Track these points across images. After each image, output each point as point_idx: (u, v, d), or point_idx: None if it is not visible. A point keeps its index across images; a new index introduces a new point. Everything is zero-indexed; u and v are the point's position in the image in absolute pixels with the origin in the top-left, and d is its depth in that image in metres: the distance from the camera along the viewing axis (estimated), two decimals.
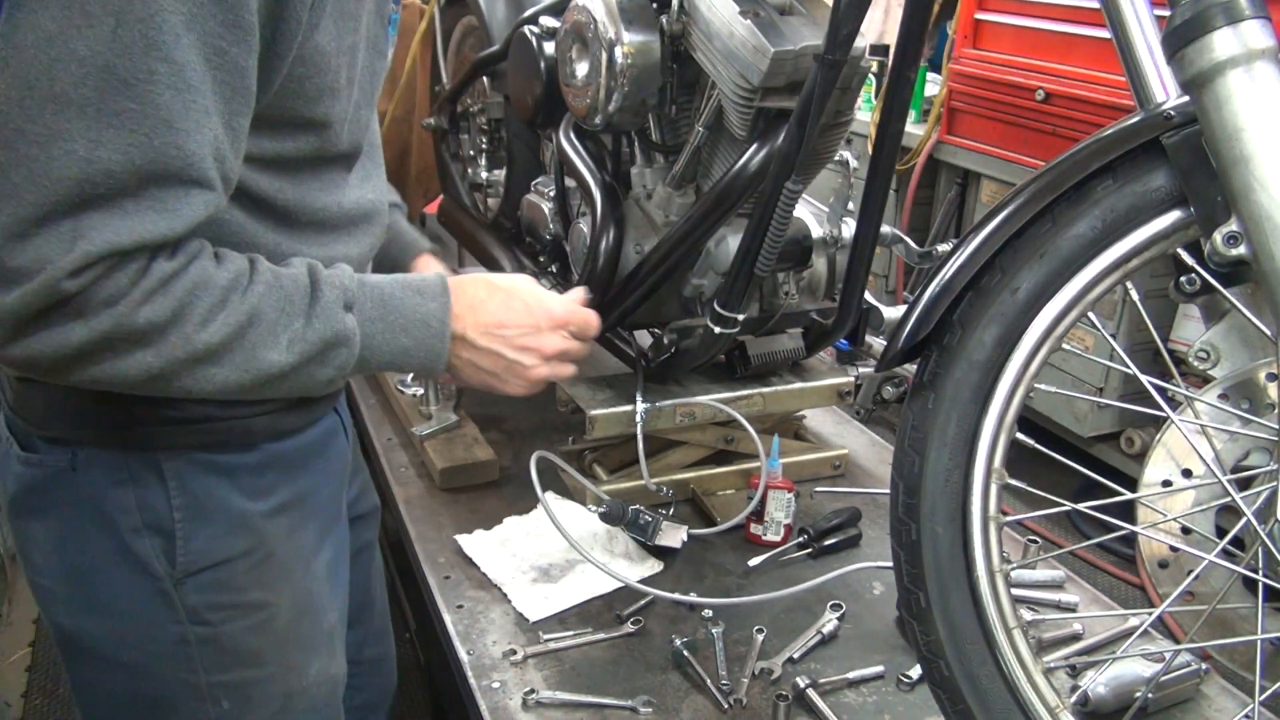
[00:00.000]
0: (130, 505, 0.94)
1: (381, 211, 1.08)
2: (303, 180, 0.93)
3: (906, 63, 1.18)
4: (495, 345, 0.99)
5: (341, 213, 0.99)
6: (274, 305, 0.85)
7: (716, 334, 1.46)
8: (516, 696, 1.22)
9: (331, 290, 0.89)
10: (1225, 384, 0.85)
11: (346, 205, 0.99)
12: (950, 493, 0.92)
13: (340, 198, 0.98)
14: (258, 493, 1.00)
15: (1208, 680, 1.29)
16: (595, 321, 1.08)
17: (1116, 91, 2.56)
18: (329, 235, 0.98)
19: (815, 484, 1.74)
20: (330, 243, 0.98)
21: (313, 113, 0.89)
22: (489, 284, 1.01)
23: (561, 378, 1.07)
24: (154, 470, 0.94)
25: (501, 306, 0.99)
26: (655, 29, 1.42)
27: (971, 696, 0.93)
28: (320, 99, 0.88)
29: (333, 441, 1.12)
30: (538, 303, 1.01)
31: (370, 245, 1.06)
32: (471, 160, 2.23)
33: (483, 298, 0.99)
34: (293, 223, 0.94)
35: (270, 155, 0.89)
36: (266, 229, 0.92)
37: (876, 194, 1.31)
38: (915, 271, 3.15)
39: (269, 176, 0.90)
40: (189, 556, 0.96)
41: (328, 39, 0.86)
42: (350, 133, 0.95)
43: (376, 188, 1.08)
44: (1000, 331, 0.89)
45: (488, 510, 1.62)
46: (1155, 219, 0.83)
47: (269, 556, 1.02)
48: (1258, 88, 0.74)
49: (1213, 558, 0.85)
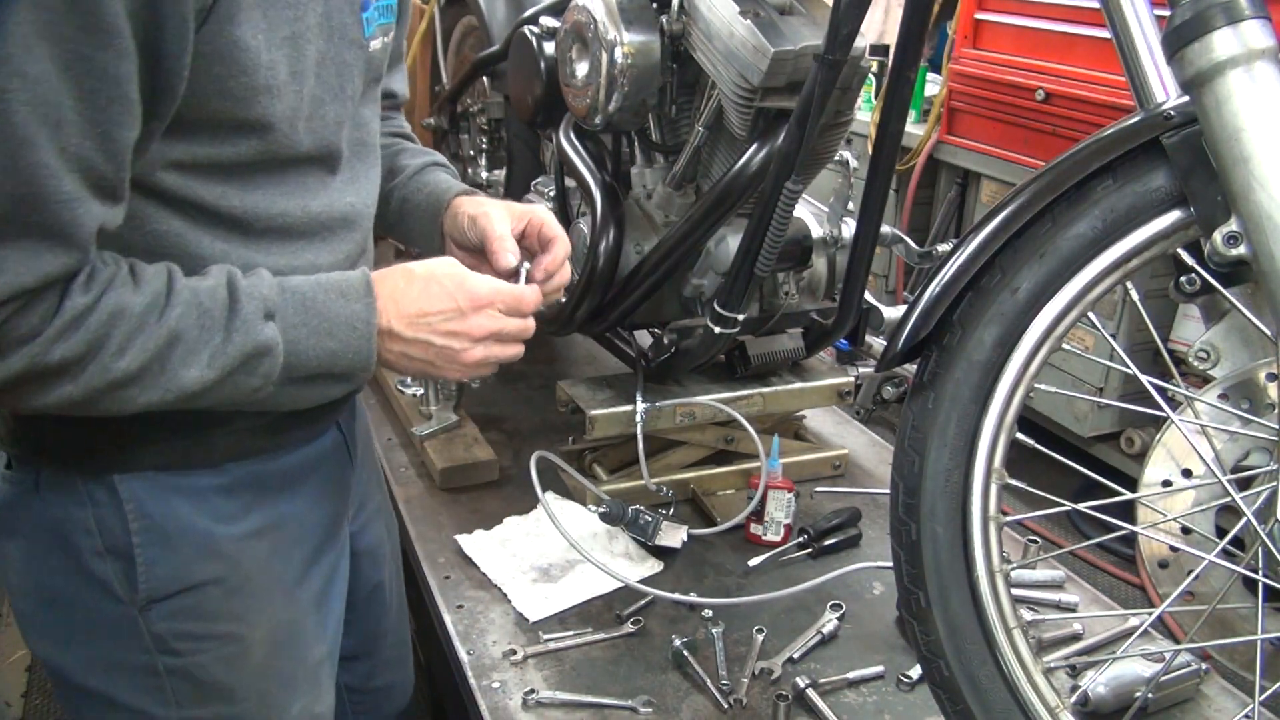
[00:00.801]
0: (90, 527, 0.92)
1: (366, 216, 1.03)
2: (255, 185, 0.89)
3: (906, 63, 1.18)
4: (421, 334, 0.94)
5: (309, 218, 0.94)
6: (193, 323, 0.83)
7: (716, 334, 1.46)
8: (516, 696, 1.22)
9: (250, 301, 0.85)
10: (1225, 384, 0.85)
11: (316, 210, 0.94)
12: (950, 493, 0.92)
13: (308, 202, 0.93)
14: (228, 516, 0.97)
15: (1208, 680, 1.29)
16: (530, 296, 1.01)
17: (1116, 91, 2.56)
18: (294, 243, 0.94)
19: (815, 484, 1.74)
20: (297, 250, 0.94)
21: (247, 114, 0.83)
22: (407, 272, 0.96)
23: (504, 358, 1.01)
24: (110, 491, 0.92)
25: (422, 293, 0.94)
26: (655, 29, 1.42)
27: (971, 696, 0.93)
28: (252, 99, 0.82)
29: (326, 464, 1.07)
30: (458, 285, 0.96)
31: (348, 253, 1.00)
32: (471, 160, 2.23)
33: (402, 287, 0.94)
34: (246, 230, 0.90)
35: (206, 160, 0.85)
36: (213, 238, 0.88)
37: (876, 194, 1.31)
38: (915, 271, 3.15)
39: (209, 183, 0.86)
40: (152, 582, 0.93)
41: (252, 32, 0.80)
42: (312, 132, 0.90)
43: (364, 190, 1.02)
44: (1000, 331, 0.89)
45: (488, 510, 1.62)
46: (1155, 219, 0.83)
47: (243, 584, 0.98)
48: (1258, 88, 0.74)
49: (1213, 558, 0.85)
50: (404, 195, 1.19)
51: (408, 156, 1.23)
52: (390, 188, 1.19)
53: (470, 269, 1.08)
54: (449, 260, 0.99)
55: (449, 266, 0.98)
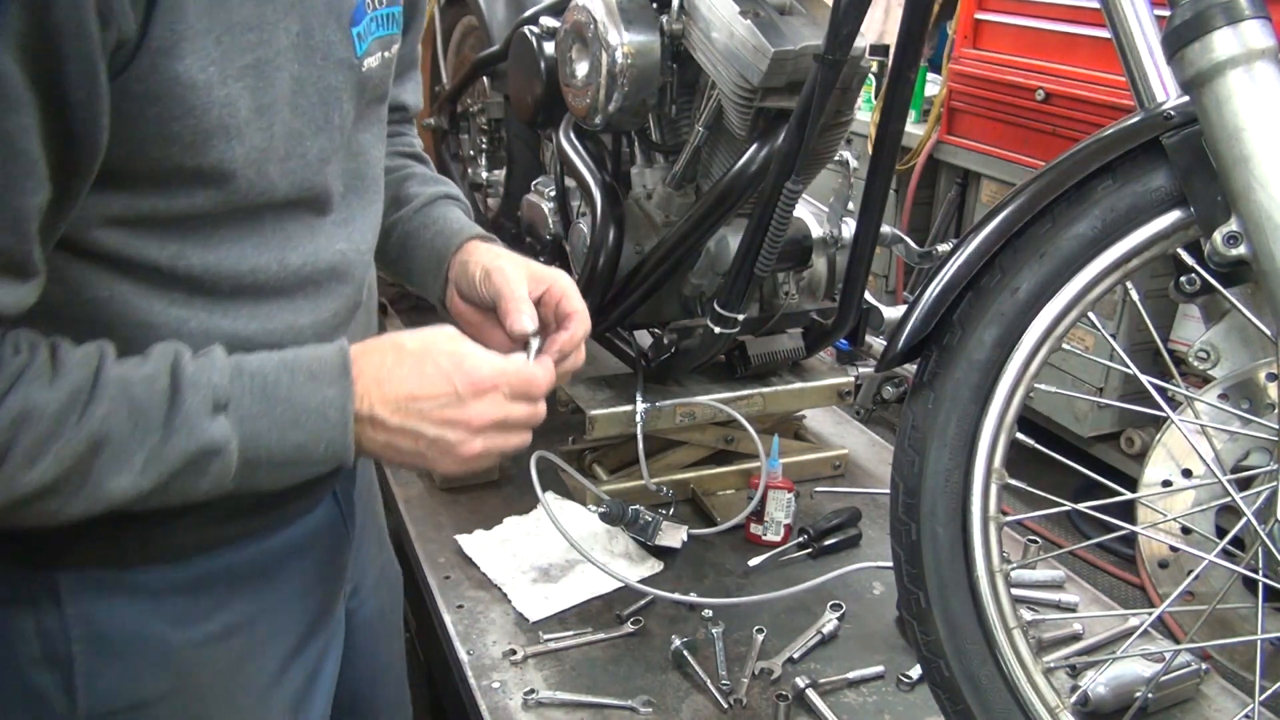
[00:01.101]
0: (29, 631, 0.80)
1: (360, 264, 0.89)
2: (218, 239, 0.76)
3: (906, 63, 1.18)
4: (411, 422, 0.80)
5: (287, 274, 0.81)
6: (122, 423, 0.70)
7: (716, 334, 1.46)
8: (516, 696, 1.22)
9: (195, 393, 0.72)
10: (1225, 384, 0.85)
11: (296, 263, 0.81)
12: (950, 493, 0.92)
13: (286, 254, 0.80)
14: (188, 618, 0.84)
15: (1208, 680, 1.29)
16: (542, 378, 0.87)
17: (1116, 91, 2.56)
18: (268, 302, 0.80)
19: (815, 484, 1.74)
20: (271, 312, 0.81)
21: (199, 161, 0.71)
22: (397, 348, 0.82)
23: (508, 449, 0.87)
24: (50, 590, 0.80)
25: (413, 374, 0.80)
26: (655, 29, 1.42)
27: (971, 696, 0.93)
28: (204, 143, 0.70)
29: (316, 544, 0.94)
30: (456, 365, 0.81)
31: (336, 310, 0.86)
32: (471, 160, 2.23)
33: (389, 365, 0.80)
34: (209, 292, 0.77)
35: (154, 215, 0.73)
36: (167, 303, 0.76)
37: (876, 194, 1.31)
38: (915, 271, 3.15)
39: (160, 240, 0.74)
40: (94, 696, 0.81)
41: (199, 65, 0.68)
42: (289, 174, 0.77)
43: (359, 233, 0.88)
44: (1000, 331, 0.89)
45: (488, 510, 1.62)
46: (1155, 219, 0.83)
47: (201, 696, 0.86)
48: (1258, 88, 0.74)
49: (1213, 558, 0.85)
50: (408, 230, 1.06)
51: (416, 184, 1.09)
52: (393, 219, 1.05)
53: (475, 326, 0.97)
54: (448, 332, 0.85)
55: (448, 340, 0.83)
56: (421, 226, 1.05)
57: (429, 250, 1.03)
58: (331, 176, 0.83)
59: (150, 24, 0.65)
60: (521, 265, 0.97)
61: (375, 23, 0.84)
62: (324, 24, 0.77)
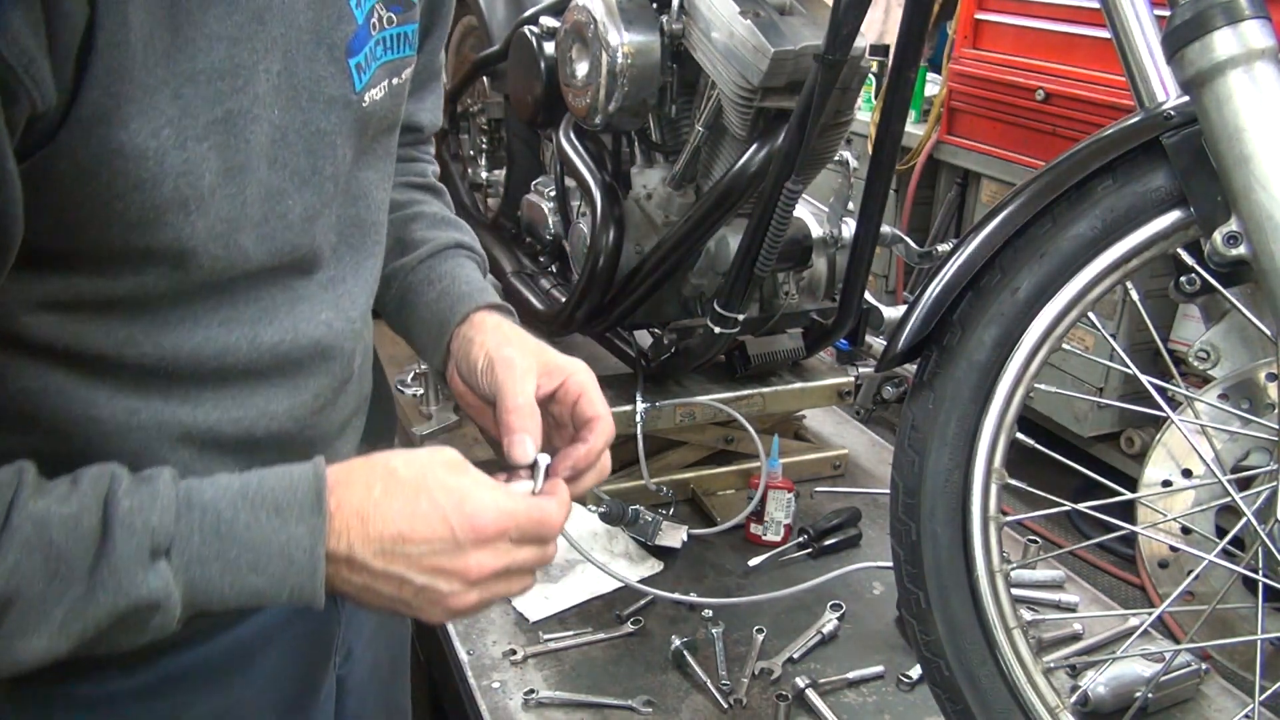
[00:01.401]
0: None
1: (350, 335, 0.78)
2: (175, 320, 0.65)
3: (906, 63, 1.18)
4: (396, 568, 0.67)
5: (259, 353, 0.69)
6: (36, 575, 0.57)
7: (716, 334, 1.46)
8: (516, 696, 1.22)
9: (129, 538, 0.59)
10: (1225, 384, 0.85)
11: (269, 341, 0.70)
12: (950, 493, 0.92)
13: (258, 332, 0.69)
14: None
15: (1208, 680, 1.29)
16: (556, 516, 0.73)
17: (1116, 91, 2.56)
18: (235, 386, 0.70)
19: (815, 484, 1.74)
20: (240, 396, 0.70)
21: (148, 241, 0.60)
22: (388, 475, 0.68)
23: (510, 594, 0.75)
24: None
25: (404, 512, 0.66)
26: (655, 29, 1.42)
27: (971, 696, 0.93)
28: (155, 220, 0.60)
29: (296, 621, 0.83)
30: (456, 505, 0.67)
31: (317, 392, 0.75)
32: (471, 160, 2.23)
33: (377, 498, 0.67)
34: (165, 378, 0.66)
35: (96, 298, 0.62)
36: (112, 392, 0.65)
37: (876, 194, 1.31)
38: (915, 271, 3.15)
39: (104, 324, 0.63)
40: None
41: (150, 129, 0.57)
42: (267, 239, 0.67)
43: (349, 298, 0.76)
44: (1000, 331, 0.89)
45: None
46: (1155, 219, 0.83)
47: None
48: (1258, 88, 0.74)
49: (1213, 558, 0.85)
50: (410, 284, 0.93)
51: (424, 227, 0.95)
52: (394, 267, 0.92)
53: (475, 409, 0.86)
54: (448, 456, 0.71)
55: (447, 471, 0.69)
56: (425, 282, 0.92)
57: (431, 314, 0.91)
58: (321, 232, 0.72)
59: (82, 88, 0.54)
60: (531, 356, 0.83)
61: (382, 46, 0.73)
62: (311, 57, 0.66)
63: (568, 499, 0.75)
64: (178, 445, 0.68)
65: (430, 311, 0.90)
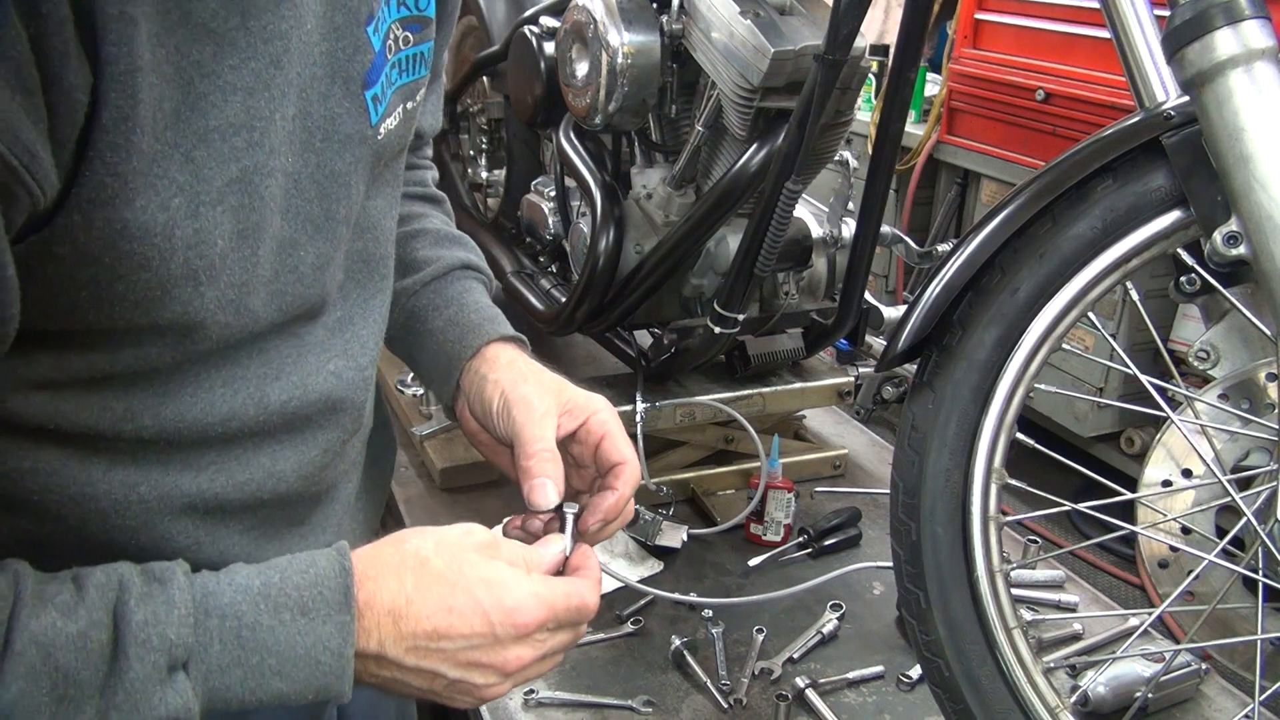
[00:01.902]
0: None
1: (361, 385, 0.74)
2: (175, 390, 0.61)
3: (906, 63, 1.18)
4: (429, 663, 0.64)
5: (266, 415, 0.66)
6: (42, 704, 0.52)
7: (716, 334, 1.46)
8: (516, 696, 1.22)
9: (146, 655, 0.54)
10: (1225, 384, 0.85)
11: (277, 401, 0.66)
12: (950, 493, 0.92)
13: (265, 392, 0.65)
14: None
15: (1208, 680, 1.29)
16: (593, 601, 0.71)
17: (1116, 91, 2.56)
18: (239, 449, 0.66)
19: (815, 484, 1.74)
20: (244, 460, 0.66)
21: (153, 318, 0.56)
22: (419, 566, 0.64)
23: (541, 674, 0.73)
24: None
25: (440, 607, 0.63)
26: (655, 29, 1.42)
27: (971, 696, 0.93)
28: (163, 297, 0.55)
29: None
30: (496, 600, 0.64)
31: (325, 447, 0.71)
32: (471, 160, 2.23)
33: (409, 594, 0.63)
34: (165, 448, 0.62)
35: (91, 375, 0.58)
36: (109, 465, 0.61)
37: (876, 194, 1.31)
38: (915, 271, 3.15)
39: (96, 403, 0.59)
40: None
41: (159, 202, 0.52)
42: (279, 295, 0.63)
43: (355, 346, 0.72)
44: (1000, 331, 0.89)
45: (488, 510, 1.62)
46: (1155, 219, 0.83)
47: None
48: (1258, 88, 0.74)
49: (1213, 558, 0.85)
50: (415, 309, 0.89)
51: (426, 245, 0.91)
52: (397, 290, 0.86)
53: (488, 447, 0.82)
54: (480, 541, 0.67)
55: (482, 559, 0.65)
56: (431, 309, 0.88)
57: (438, 346, 0.87)
58: (330, 279, 0.68)
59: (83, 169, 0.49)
60: (550, 396, 0.80)
61: (397, 70, 0.69)
62: (326, 95, 0.62)
63: (598, 573, 0.73)
64: (180, 516, 0.65)
65: (437, 343, 0.87)
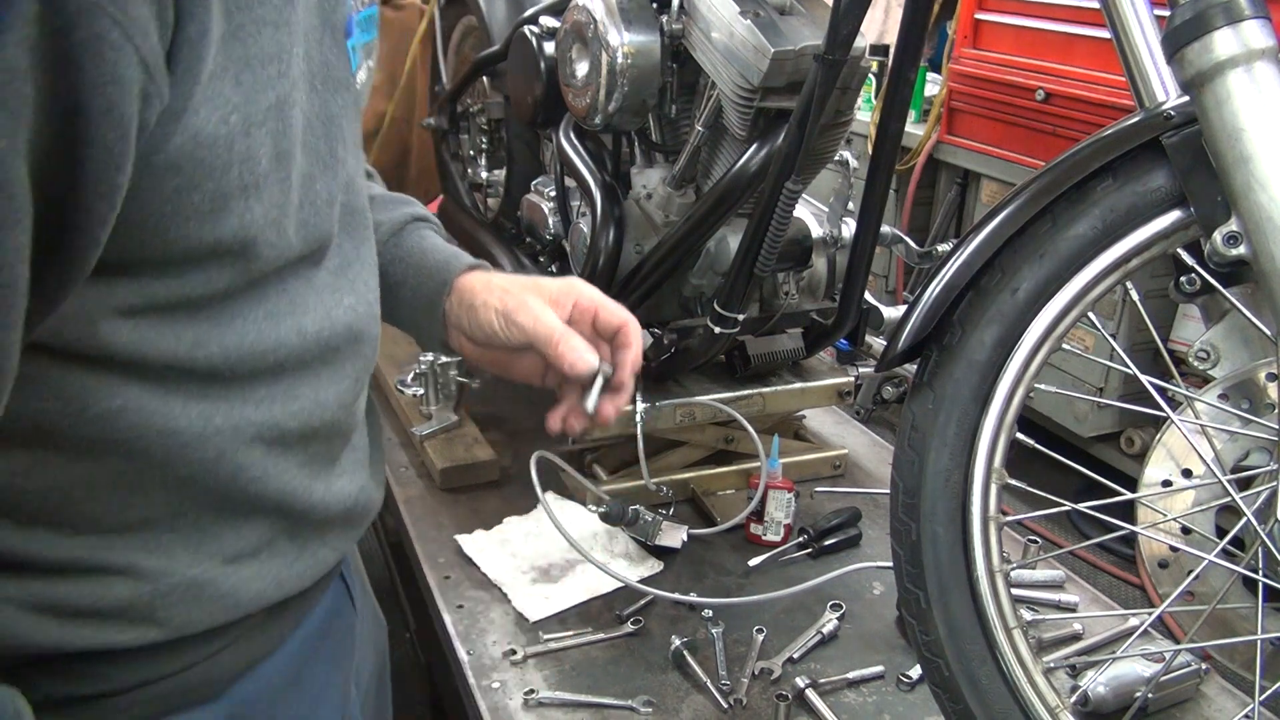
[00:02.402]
0: None
1: (371, 318, 0.79)
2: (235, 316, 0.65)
3: (906, 63, 1.18)
4: None
5: (305, 343, 0.70)
6: None
7: (716, 334, 1.46)
8: (516, 696, 1.22)
9: None
10: (1225, 384, 0.85)
11: (314, 330, 0.71)
12: (950, 493, 0.92)
13: (301, 321, 0.70)
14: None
15: (1208, 680, 1.29)
16: None
17: (1116, 91, 2.56)
18: (287, 379, 0.70)
19: (815, 484, 1.74)
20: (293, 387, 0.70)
21: (217, 233, 0.60)
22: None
23: None
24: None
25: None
26: (655, 29, 1.42)
27: (971, 696, 0.93)
28: (223, 210, 0.59)
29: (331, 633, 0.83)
30: None
31: (356, 376, 0.76)
32: (471, 160, 2.23)
33: None
34: (228, 379, 0.66)
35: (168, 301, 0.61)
36: (185, 399, 0.64)
37: (876, 194, 1.31)
38: (915, 271, 3.15)
39: (172, 330, 0.62)
40: None
41: (220, 115, 0.56)
42: (304, 225, 0.67)
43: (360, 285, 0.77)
44: (1000, 331, 0.89)
45: (488, 510, 1.62)
46: (1155, 219, 0.83)
47: None
48: (1258, 88, 0.74)
49: (1213, 558, 0.85)
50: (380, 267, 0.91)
51: (378, 209, 0.96)
52: None
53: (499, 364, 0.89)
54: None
55: None
56: (397, 260, 0.94)
57: (414, 293, 0.93)
58: (335, 220, 0.72)
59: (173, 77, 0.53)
60: (536, 293, 0.88)
61: (360, 28, 0.77)
62: (321, 41, 0.67)
63: None
64: (250, 446, 0.69)
65: (412, 290, 0.93)
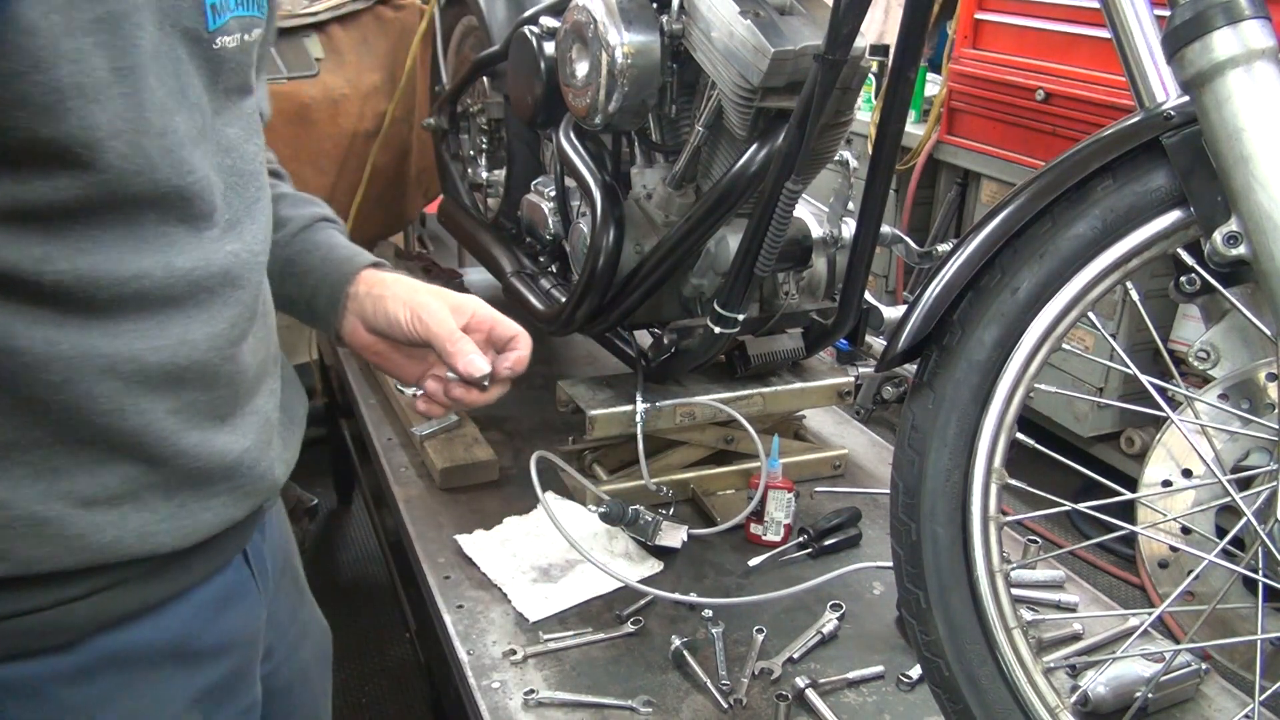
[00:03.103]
0: None
1: (255, 268, 0.81)
2: (91, 239, 0.65)
3: (906, 63, 1.18)
4: None
5: (174, 279, 0.70)
6: None
7: (716, 334, 1.46)
8: (516, 696, 1.22)
9: None
10: (1225, 384, 0.85)
11: (185, 266, 0.71)
12: (950, 493, 0.92)
13: (172, 258, 0.70)
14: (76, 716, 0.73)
15: (1208, 680, 1.29)
16: None
17: (1116, 91, 2.57)
18: (155, 313, 0.70)
19: (815, 484, 1.74)
20: (160, 323, 0.70)
21: (56, 128, 0.60)
22: None
23: None
24: None
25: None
26: (655, 29, 1.42)
27: (971, 697, 0.93)
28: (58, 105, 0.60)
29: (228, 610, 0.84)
30: None
31: (233, 320, 0.77)
32: (471, 160, 2.23)
33: None
34: (83, 305, 0.66)
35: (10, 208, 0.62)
36: (31, 321, 0.64)
37: (876, 194, 1.31)
38: (915, 271, 3.15)
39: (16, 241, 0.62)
40: None
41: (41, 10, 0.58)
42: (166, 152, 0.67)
43: (250, 235, 0.79)
44: (1000, 331, 0.89)
45: (488, 510, 1.62)
46: (1155, 219, 0.83)
47: None
48: (1258, 88, 0.74)
49: (1213, 558, 0.85)
50: (288, 256, 0.99)
51: (288, 206, 1.02)
52: None
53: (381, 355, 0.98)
54: None
55: None
56: (303, 252, 1.00)
57: (318, 280, 0.99)
58: (208, 166, 0.73)
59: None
60: (440, 299, 0.97)
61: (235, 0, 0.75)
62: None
63: None
64: (102, 377, 0.68)
65: (317, 279, 0.99)
